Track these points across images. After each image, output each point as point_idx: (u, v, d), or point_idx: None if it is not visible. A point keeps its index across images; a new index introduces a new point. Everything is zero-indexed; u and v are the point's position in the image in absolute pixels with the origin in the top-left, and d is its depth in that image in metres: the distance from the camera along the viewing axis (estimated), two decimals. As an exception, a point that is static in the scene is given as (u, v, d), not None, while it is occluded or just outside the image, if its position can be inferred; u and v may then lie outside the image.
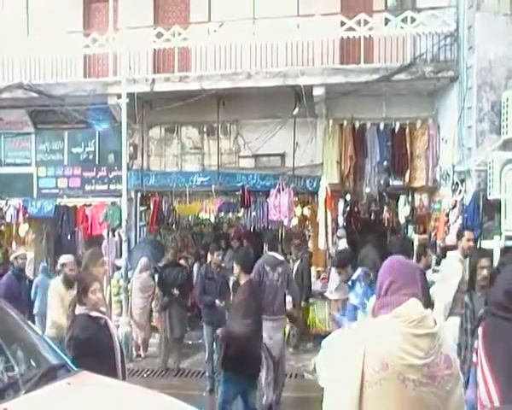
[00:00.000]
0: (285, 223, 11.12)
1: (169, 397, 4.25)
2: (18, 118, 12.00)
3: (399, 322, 2.30)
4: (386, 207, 10.80)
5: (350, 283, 5.48)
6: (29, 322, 4.33)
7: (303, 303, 9.74)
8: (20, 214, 11.72)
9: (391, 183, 10.51)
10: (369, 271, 5.56)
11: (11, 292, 7.22)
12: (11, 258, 7.89)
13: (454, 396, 2.30)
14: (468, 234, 6.37)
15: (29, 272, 11.10)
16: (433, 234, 9.85)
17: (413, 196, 10.55)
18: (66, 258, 6.75)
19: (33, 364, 4.07)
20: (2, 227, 12.17)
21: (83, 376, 3.83)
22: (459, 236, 6.44)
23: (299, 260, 10.06)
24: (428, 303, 4.75)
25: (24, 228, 11.93)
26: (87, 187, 11.95)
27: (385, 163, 10.37)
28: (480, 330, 3.21)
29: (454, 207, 8.90)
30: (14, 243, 12.04)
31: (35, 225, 12.17)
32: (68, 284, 6.27)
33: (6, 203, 11.83)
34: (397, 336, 2.27)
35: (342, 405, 2.28)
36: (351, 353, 2.31)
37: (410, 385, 2.21)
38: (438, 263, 9.08)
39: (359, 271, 5.44)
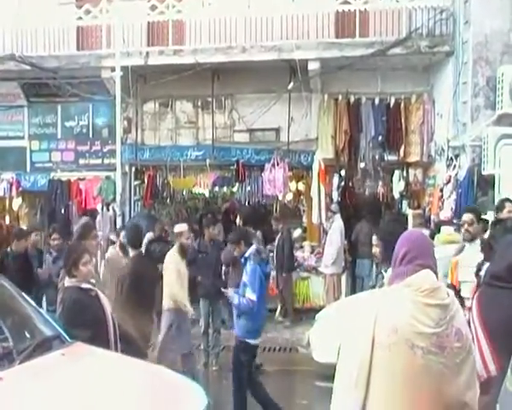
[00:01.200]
0: (279, 197, 11.15)
1: (162, 367, 4.32)
2: (10, 90, 11.86)
3: (411, 291, 2.35)
4: (380, 183, 10.82)
5: (243, 260, 5.57)
6: (24, 294, 4.32)
7: (285, 275, 9.77)
8: (14, 188, 11.66)
9: (385, 158, 10.53)
10: (260, 249, 5.71)
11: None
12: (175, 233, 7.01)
13: (465, 370, 2.33)
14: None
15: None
16: (427, 209, 9.90)
17: (407, 172, 10.57)
18: (181, 227, 6.68)
19: (28, 335, 4.10)
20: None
21: (77, 347, 3.86)
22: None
23: (280, 233, 10.07)
24: None
25: (17, 202, 11.88)
26: (81, 161, 11.89)
27: (380, 138, 10.37)
28: (473, 302, 3.25)
29: (448, 182, 8.93)
30: (7, 218, 11.99)
31: (28, 199, 12.12)
32: (183, 253, 6.38)
33: (-1, 177, 11.78)
34: (408, 304, 2.32)
35: (353, 367, 2.32)
36: (363, 318, 2.37)
37: (418, 352, 2.25)
38: (432, 237, 9.13)
39: (252, 248, 5.52)
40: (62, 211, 11.43)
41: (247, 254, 5.51)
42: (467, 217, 5.16)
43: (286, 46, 10.14)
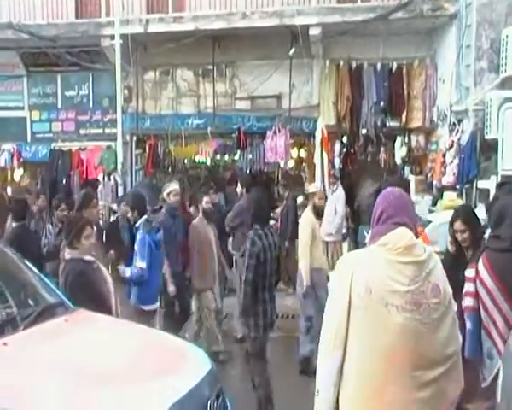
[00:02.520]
0: (281, 165, 11.12)
1: (165, 333, 4.37)
2: (9, 60, 11.74)
3: (385, 249, 2.36)
4: (382, 149, 10.76)
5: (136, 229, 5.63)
6: (26, 261, 4.35)
7: (288, 243, 9.79)
8: (15, 159, 11.65)
9: (387, 124, 10.45)
10: (150, 217, 5.77)
11: (167, 230, 6.32)
12: (164, 194, 6.75)
13: (444, 325, 2.35)
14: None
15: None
16: (429, 175, 9.87)
17: (410, 137, 10.50)
18: (315, 187, 6.88)
19: (31, 302, 4.14)
20: (-3, 172, 12.10)
21: (80, 313, 3.91)
22: None
23: (284, 201, 10.07)
24: None
25: (19, 173, 11.88)
26: (82, 131, 11.85)
27: (382, 104, 10.29)
28: (481, 266, 3.29)
29: (451, 147, 8.88)
30: (9, 188, 12.02)
31: (30, 169, 12.12)
32: (318, 213, 6.58)
33: (0, 148, 11.76)
34: (382, 263, 2.33)
35: (331, 328, 2.37)
36: (340, 280, 2.41)
37: (392, 310, 2.27)
38: (434, 204, 9.15)
39: (142, 218, 5.57)
40: (64, 181, 11.45)
41: (137, 224, 5.57)
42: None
43: (287, 12, 10.01)
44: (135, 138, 11.60)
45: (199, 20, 10.23)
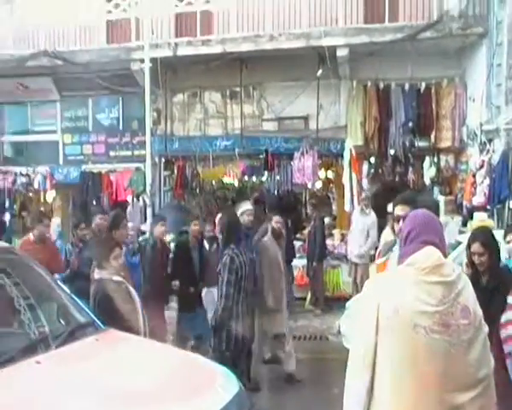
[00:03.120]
0: (309, 186, 11.10)
1: (193, 354, 4.36)
2: (43, 86, 12.05)
3: (413, 269, 2.33)
4: (411, 169, 10.66)
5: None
6: (59, 281, 4.42)
7: (315, 264, 9.71)
8: (48, 181, 11.90)
9: (416, 144, 10.36)
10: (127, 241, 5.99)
11: None
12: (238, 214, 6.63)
13: (474, 347, 2.29)
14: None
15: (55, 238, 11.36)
16: (459, 195, 9.72)
17: (439, 157, 10.39)
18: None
19: (63, 322, 4.19)
20: (31, 194, 12.36)
21: (110, 333, 3.93)
22: None
23: (312, 222, 10.02)
24: None
25: (51, 194, 12.13)
26: (111, 153, 12.07)
27: (410, 124, 10.21)
28: None
29: (481, 167, 8.74)
30: (42, 210, 12.24)
31: (61, 191, 12.36)
32: None
33: (33, 171, 12.02)
34: (410, 284, 2.30)
35: (359, 350, 2.35)
36: (368, 301, 2.38)
37: (421, 332, 2.23)
38: (464, 224, 8.99)
39: None
40: (94, 203, 11.62)
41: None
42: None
43: (314, 33, 10.06)
44: (163, 160, 11.75)
45: (227, 42, 10.36)
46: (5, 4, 11.66)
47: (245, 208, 6.53)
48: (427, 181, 10.52)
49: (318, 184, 11.53)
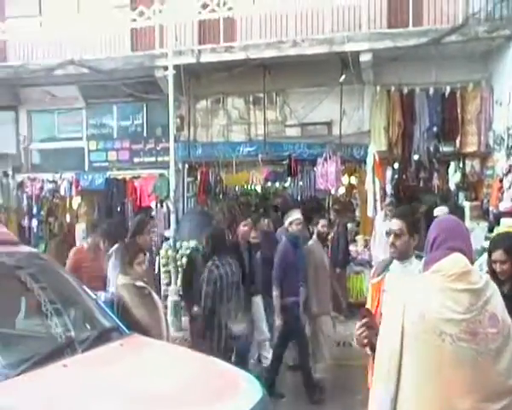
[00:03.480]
0: (332, 192, 11.06)
1: (218, 360, 4.37)
2: (70, 94, 12.28)
3: (439, 276, 2.29)
4: (435, 174, 10.54)
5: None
6: (84, 286, 4.48)
7: (339, 270, 9.64)
8: (73, 188, 12.07)
9: (441, 149, 10.25)
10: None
11: (286, 259, 6.48)
12: (286, 223, 6.72)
13: (503, 356, 2.24)
14: None
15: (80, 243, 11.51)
16: (485, 201, 9.58)
17: (464, 163, 10.26)
18: None
19: (88, 326, 4.25)
20: (57, 200, 12.54)
21: (134, 338, 3.97)
22: None
23: (335, 227, 9.96)
24: None
25: (77, 201, 12.29)
26: (136, 159, 12.20)
27: (434, 129, 10.10)
28: None
29: (509, 172, 8.60)
30: (68, 216, 12.44)
31: (87, 197, 12.51)
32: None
33: (60, 177, 12.21)
34: (436, 291, 2.26)
35: (385, 357, 2.31)
36: (393, 308, 2.35)
37: (447, 339, 2.19)
38: (490, 230, 8.85)
39: (115, 246, 5.73)
40: (118, 209, 11.74)
41: (109, 251, 5.78)
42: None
43: (337, 38, 10.05)
44: (187, 166, 11.82)
45: (249, 48, 10.41)
46: (34, 17, 11.92)
47: (294, 217, 6.53)
48: (452, 187, 10.40)
49: (341, 190, 11.47)
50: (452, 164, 10.36)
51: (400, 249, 3.33)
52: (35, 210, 12.30)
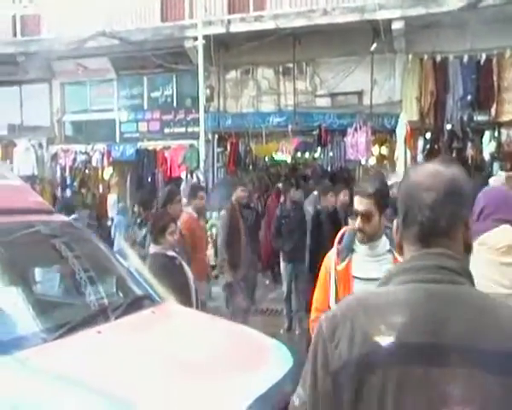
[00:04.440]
0: (362, 162, 10.95)
1: (248, 328, 4.44)
2: (101, 66, 12.36)
3: (486, 249, 2.23)
4: (469, 144, 10.30)
5: None
6: (117, 254, 4.58)
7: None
8: (105, 159, 12.25)
9: (475, 118, 10.01)
10: None
11: None
12: None
13: None
14: None
15: (112, 213, 11.73)
16: (521, 171, 9.36)
17: (499, 132, 9.99)
18: None
19: (121, 294, 4.35)
20: (89, 171, 12.75)
21: (166, 305, 4.05)
22: None
23: None
24: None
25: (108, 172, 12.49)
26: (166, 130, 12.28)
27: (469, 97, 9.85)
28: None
29: (546, 141, 8.38)
30: (100, 187, 12.66)
31: (118, 168, 12.70)
32: None
33: (92, 148, 12.40)
34: (481, 264, 2.17)
35: None
36: None
37: None
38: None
39: None
40: (149, 179, 11.88)
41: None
42: None
43: (368, 6, 9.84)
44: (217, 137, 11.83)
45: (279, 18, 10.28)
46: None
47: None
48: (486, 157, 10.16)
49: (372, 161, 11.35)
50: (487, 133, 10.10)
51: (370, 233, 2.73)
52: (68, 181, 12.54)
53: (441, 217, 1.29)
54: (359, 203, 2.72)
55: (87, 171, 12.69)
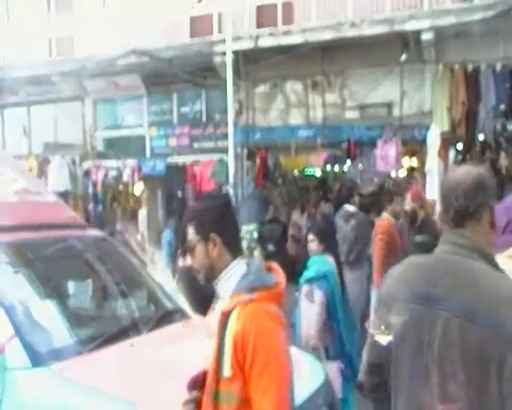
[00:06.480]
0: (392, 174, 10.85)
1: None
2: (131, 82, 12.54)
3: None
4: (503, 154, 10.10)
5: None
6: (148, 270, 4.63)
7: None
8: (135, 174, 12.40)
9: (508, 127, 9.82)
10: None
11: None
12: None
13: None
14: None
15: (143, 228, 11.86)
16: (559, 181, 9.14)
17: (535, 141, 9.79)
18: None
19: (152, 307, 4.39)
20: (121, 186, 12.93)
21: (196, 320, 4.07)
22: None
23: None
24: None
25: (139, 187, 12.63)
26: (195, 145, 12.36)
27: (502, 106, 9.66)
28: None
29: None
30: (131, 201, 12.82)
31: (148, 183, 12.83)
32: None
33: (123, 164, 12.58)
34: (510, 277, 2.12)
35: None
36: None
37: None
38: None
39: None
40: (179, 194, 11.97)
41: None
42: None
43: (397, 18, 9.77)
44: (246, 151, 11.87)
45: (308, 31, 10.29)
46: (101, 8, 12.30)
47: None
48: (521, 167, 9.96)
49: (402, 173, 11.23)
50: (522, 143, 9.91)
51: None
52: (100, 196, 12.74)
53: (470, 204, 1.80)
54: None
55: (118, 186, 12.87)
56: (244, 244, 10.05)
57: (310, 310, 4.30)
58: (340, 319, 4.40)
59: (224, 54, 10.29)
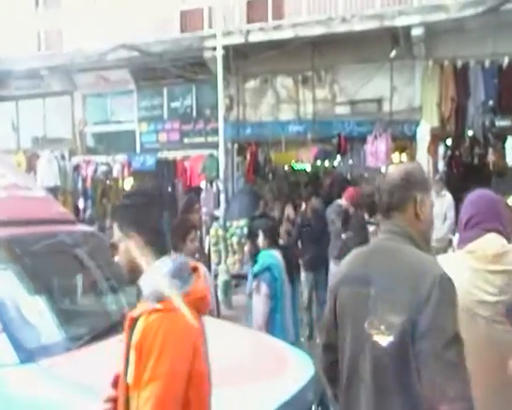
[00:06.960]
0: (382, 170, 10.87)
1: (268, 336, 4.43)
2: (121, 77, 12.51)
3: (472, 257, 2.27)
4: (491, 150, 10.18)
5: None
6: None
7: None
8: (125, 169, 12.36)
9: (497, 123, 9.87)
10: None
11: None
12: None
13: None
14: None
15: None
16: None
17: (523, 137, 9.86)
18: None
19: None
20: (110, 182, 12.87)
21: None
22: None
23: None
24: None
25: (129, 182, 12.59)
26: (185, 140, 12.35)
27: (490, 102, 9.72)
28: None
29: None
30: (121, 197, 12.73)
31: (138, 178, 12.76)
32: None
33: (113, 159, 12.52)
34: (468, 272, 2.24)
35: None
36: None
37: (481, 322, 2.17)
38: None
39: None
40: (169, 189, 11.93)
41: None
42: None
43: (387, 13, 9.78)
44: (236, 146, 11.86)
45: (298, 26, 10.28)
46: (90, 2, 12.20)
47: None
48: (509, 162, 10.01)
49: (392, 168, 11.25)
50: (510, 138, 9.97)
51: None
52: (89, 191, 12.68)
53: (393, 199, 2.06)
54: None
55: (108, 181, 12.81)
56: (235, 240, 10.09)
57: (257, 302, 4.60)
58: (285, 308, 4.70)
59: (215, 49, 10.26)
